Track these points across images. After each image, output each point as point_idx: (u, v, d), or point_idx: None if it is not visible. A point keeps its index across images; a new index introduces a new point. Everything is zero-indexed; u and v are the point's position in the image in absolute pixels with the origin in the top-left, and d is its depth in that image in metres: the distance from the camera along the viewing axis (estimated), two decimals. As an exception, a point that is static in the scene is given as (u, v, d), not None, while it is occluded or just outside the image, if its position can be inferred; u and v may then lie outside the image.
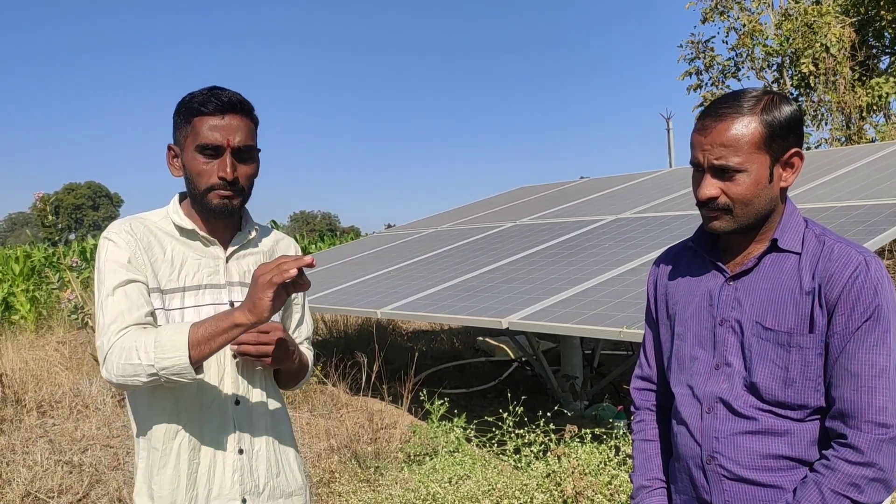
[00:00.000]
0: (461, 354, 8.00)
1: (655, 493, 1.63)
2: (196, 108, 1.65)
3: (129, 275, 1.64)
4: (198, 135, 1.64)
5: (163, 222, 1.75)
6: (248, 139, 1.67)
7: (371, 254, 7.82)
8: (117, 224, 1.72)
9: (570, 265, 4.98)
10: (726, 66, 12.32)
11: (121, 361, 1.55)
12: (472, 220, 8.40)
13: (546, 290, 4.50)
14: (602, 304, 3.91)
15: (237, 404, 1.72)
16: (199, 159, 1.65)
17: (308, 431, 5.19)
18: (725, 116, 1.42)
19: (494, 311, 4.31)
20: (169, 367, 1.52)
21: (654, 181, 7.88)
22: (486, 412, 5.53)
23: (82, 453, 4.78)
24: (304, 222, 78.15)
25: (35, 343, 8.29)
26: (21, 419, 5.39)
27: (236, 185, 1.66)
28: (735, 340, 1.47)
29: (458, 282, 5.33)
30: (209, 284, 1.72)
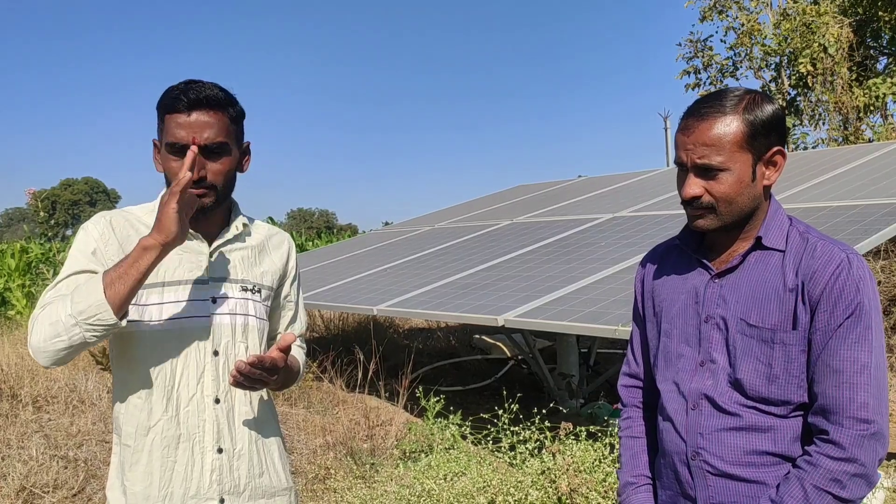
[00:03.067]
0: (457, 352, 8.02)
1: (641, 490, 1.65)
2: (168, 104, 1.64)
3: (86, 265, 1.62)
4: (167, 132, 1.63)
5: (147, 217, 1.73)
6: (219, 135, 1.63)
7: (368, 251, 7.84)
8: (98, 216, 1.71)
9: (566, 263, 5.01)
10: (724, 65, 12.36)
11: (43, 325, 1.52)
12: (468, 218, 8.42)
13: (542, 287, 4.53)
14: (598, 303, 3.94)
15: (217, 403, 1.69)
16: (169, 158, 1.64)
17: (304, 428, 5.22)
18: (708, 116, 1.44)
19: (490, 308, 4.34)
20: (85, 310, 1.48)
21: (650, 180, 7.91)
22: (482, 409, 5.55)
23: (78, 448, 4.80)
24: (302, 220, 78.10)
25: (31, 339, 8.31)
26: (17, 414, 5.40)
27: (204, 183, 1.63)
28: (720, 337, 1.50)
29: (455, 279, 5.35)
30: (190, 280, 1.69)
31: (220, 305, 1.71)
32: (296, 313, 1.93)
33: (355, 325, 9.22)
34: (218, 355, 1.69)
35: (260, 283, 1.79)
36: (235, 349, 1.72)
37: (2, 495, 4.03)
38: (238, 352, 1.72)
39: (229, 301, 1.72)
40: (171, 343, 1.65)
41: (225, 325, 1.70)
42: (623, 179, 8.51)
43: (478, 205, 9.53)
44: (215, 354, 1.69)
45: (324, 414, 5.54)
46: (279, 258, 1.87)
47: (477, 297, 4.71)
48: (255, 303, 1.76)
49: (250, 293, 1.76)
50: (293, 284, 1.92)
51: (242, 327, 1.73)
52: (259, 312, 1.77)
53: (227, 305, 1.72)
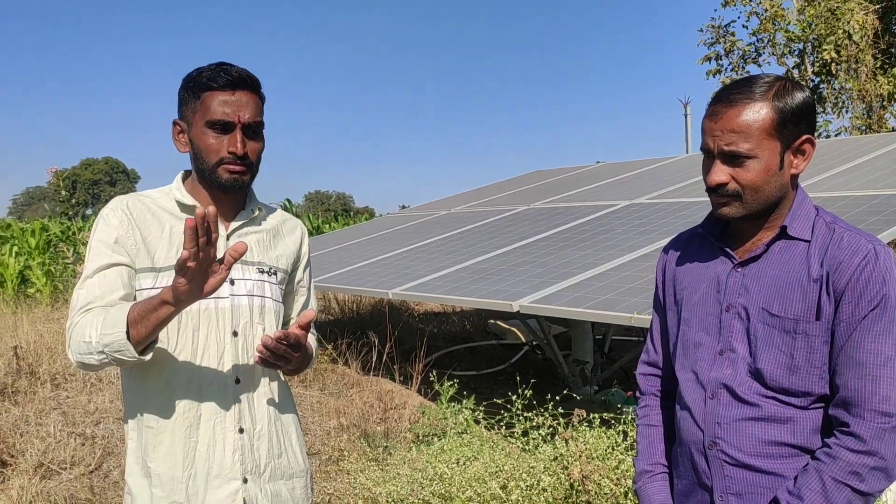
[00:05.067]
0: (472, 337, 8.03)
1: (657, 478, 1.64)
2: (205, 82, 1.63)
3: (112, 257, 1.63)
4: (208, 110, 1.62)
5: (163, 199, 1.74)
6: (257, 115, 1.66)
7: (384, 234, 7.84)
8: (115, 201, 1.70)
9: (583, 250, 4.98)
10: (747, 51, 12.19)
11: (77, 339, 1.56)
12: (485, 203, 8.39)
13: (558, 274, 4.50)
14: (614, 290, 3.91)
15: (238, 383, 1.69)
16: (208, 134, 1.63)
17: (318, 410, 5.24)
18: (736, 102, 1.41)
19: (506, 294, 4.32)
20: (110, 344, 1.51)
21: (669, 167, 7.84)
22: (496, 395, 5.55)
23: (95, 426, 4.85)
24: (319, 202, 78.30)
25: (50, 316, 8.38)
26: (35, 391, 5.47)
27: (246, 160, 1.65)
28: (741, 326, 1.48)
29: (471, 264, 5.34)
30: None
31: (239, 287, 1.72)
32: (308, 298, 1.94)
33: (370, 309, 9.24)
34: (237, 336, 1.70)
35: (276, 266, 1.80)
36: (253, 330, 1.72)
37: (20, 471, 4.08)
38: (256, 333, 1.72)
39: (247, 283, 1.73)
40: (192, 324, 1.66)
41: (243, 307, 1.71)
42: (641, 166, 8.45)
43: (494, 190, 9.50)
44: (234, 335, 1.69)
45: (338, 396, 5.56)
46: (293, 243, 1.88)
47: (492, 282, 4.69)
48: (271, 285, 1.77)
49: (266, 275, 1.77)
50: (306, 270, 1.93)
51: (260, 309, 1.73)
52: (275, 295, 1.78)
53: (245, 287, 1.72)
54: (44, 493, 3.80)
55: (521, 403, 3.83)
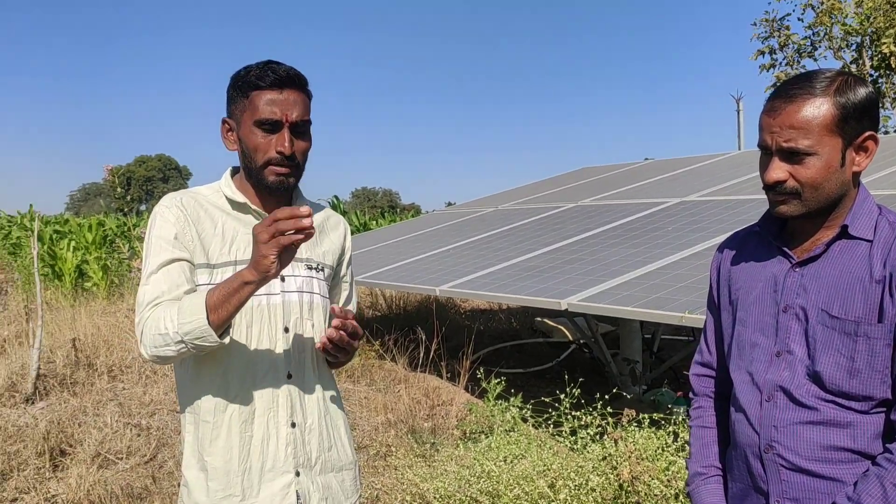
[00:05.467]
0: (519, 334, 8.00)
1: (711, 481, 1.61)
2: (253, 81, 1.64)
3: (173, 252, 1.65)
4: (256, 109, 1.63)
5: (214, 196, 1.75)
6: (305, 114, 1.66)
7: (431, 231, 7.86)
8: (168, 198, 1.72)
9: (632, 248, 4.92)
10: (802, 45, 11.91)
11: (152, 333, 1.57)
12: (533, 200, 8.35)
13: (607, 272, 4.46)
14: (664, 288, 3.86)
15: (289, 377, 1.71)
16: (256, 133, 1.64)
17: (366, 405, 5.28)
18: (796, 97, 1.38)
19: (554, 291, 4.30)
20: (191, 332, 1.53)
21: (721, 164, 7.70)
22: (543, 393, 5.54)
23: (150, 417, 4.96)
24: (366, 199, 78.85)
25: (106, 309, 8.60)
26: (93, 382, 5.62)
27: (293, 160, 1.66)
28: (799, 328, 1.44)
29: (518, 261, 5.32)
30: None
31: (289, 283, 1.74)
32: (350, 293, 1.96)
33: (416, 305, 9.28)
34: (288, 332, 1.72)
35: (322, 262, 1.82)
36: (303, 326, 1.75)
37: (78, 460, 4.20)
38: (305, 329, 1.75)
39: (297, 279, 1.75)
40: (246, 319, 1.68)
41: (294, 303, 1.73)
42: (692, 163, 8.31)
43: (542, 187, 9.45)
44: (286, 331, 1.72)
45: (385, 392, 5.60)
46: (337, 239, 1.90)
47: (540, 279, 4.67)
48: (318, 281, 1.79)
49: (314, 271, 1.79)
50: (349, 266, 1.96)
51: (309, 305, 1.76)
52: (322, 290, 1.80)
53: (295, 283, 1.74)
54: (101, 482, 3.91)
55: (569, 402, 3.80)
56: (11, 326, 7.81)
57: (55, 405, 5.14)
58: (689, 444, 1.68)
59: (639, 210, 6.19)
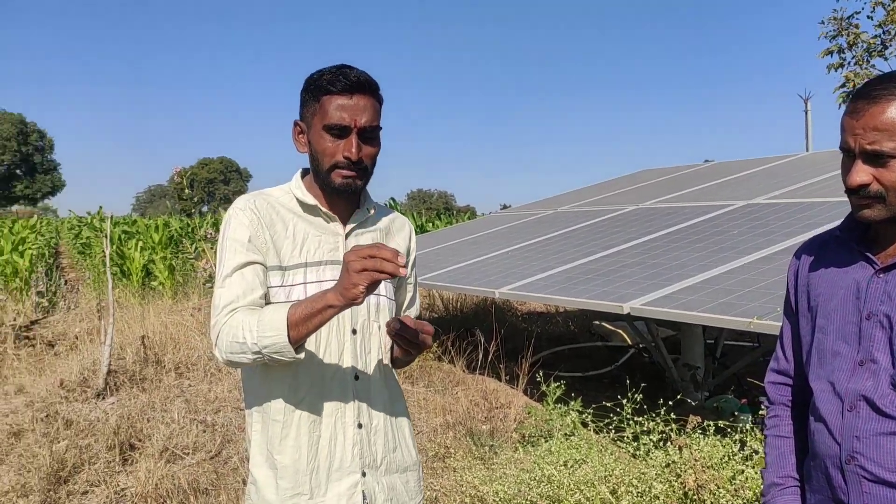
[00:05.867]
0: (577, 338, 7.93)
1: (788, 492, 1.57)
2: (325, 86, 1.66)
3: (248, 256, 1.67)
4: (325, 114, 1.65)
5: (285, 198, 1.77)
6: (374, 120, 1.67)
7: (489, 233, 7.85)
8: (242, 200, 1.74)
9: (696, 251, 4.83)
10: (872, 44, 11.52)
11: (229, 339, 1.59)
12: (592, 203, 8.28)
13: (669, 276, 4.39)
14: (730, 293, 3.78)
15: (357, 379, 1.73)
16: (325, 138, 1.66)
17: (424, 406, 5.30)
18: (880, 99, 1.33)
19: (615, 295, 4.25)
20: (270, 346, 1.55)
21: (788, 166, 7.51)
22: (602, 397, 5.47)
23: (215, 414, 5.07)
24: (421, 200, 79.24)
25: (173, 308, 8.83)
26: (160, 379, 5.77)
27: (360, 165, 1.67)
28: (883, 336, 1.39)
29: (578, 265, 5.28)
30: (330, 261, 1.73)
31: None
32: (413, 295, 1.97)
33: (473, 307, 9.28)
34: (356, 334, 1.73)
35: None
36: (370, 328, 1.76)
37: (147, 455, 4.32)
38: (372, 331, 1.77)
39: None
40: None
41: (362, 305, 1.74)
42: (757, 165, 8.12)
43: (601, 189, 9.36)
44: (353, 333, 1.73)
45: (444, 393, 5.61)
46: (402, 241, 1.91)
47: (601, 283, 4.62)
48: (385, 283, 1.80)
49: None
50: (412, 268, 1.96)
51: (376, 306, 1.77)
52: (389, 292, 1.82)
53: None
54: (169, 476, 4.01)
55: (630, 407, 3.75)
56: (83, 323, 8.09)
57: (125, 400, 5.29)
58: (765, 454, 1.64)
59: (702, 213, 6.08)
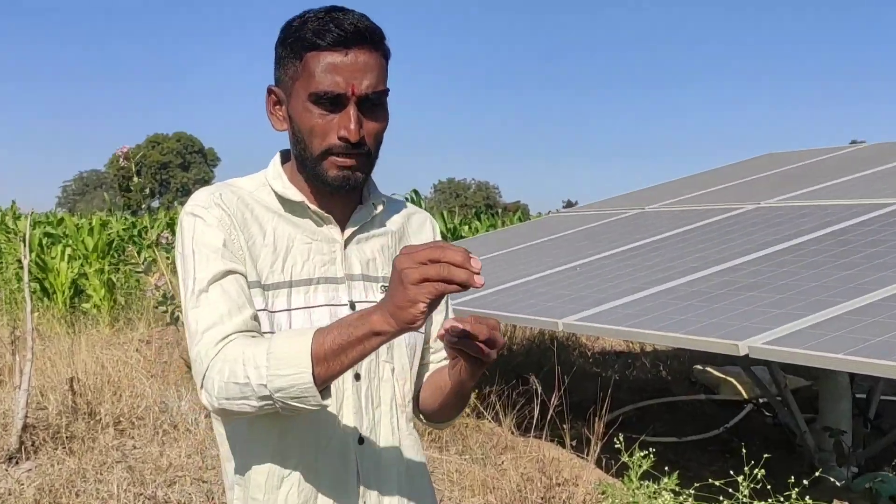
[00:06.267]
0: (670, 388, 7.91)
1: None
2: (309, 38, 1.61)
3: (225, 263, 1.63)
4: (311, 77, 1.61)
5: (260, 192, 1.75)
6: (380, 83, 1.64)
7: (550, 241, 7.84)
8: (204, 195, 1.71)
9: (841, 269, 4.79)
10: None
11: (224, 380, 1.53)
12: (693, 200, 8.24)
13: (804, 303, 4.35)
14: (891, 329, 3.73)
15: (361, 443, 1.71)
16: (312, 111, 1.63)
17: (458, 482, 5.30)
18: None
19: (728, 329, 4.21)
20: (286, 389, 1.47)
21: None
22: (707, 471, 5.41)
23: (168, 487, 5.11)
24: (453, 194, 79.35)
25: (112, 340, 8.94)
26: (95, 437, 5.84)
27: (362, 148, 1.64)
28: None
29: (674, 286, 5.25)
30: (323, 278, 1.72)
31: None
32: (446, 317, 1.94)
33: (526, 344, 9.29)
34: (360, 380, 1.72)
35: None
36: (380, 371, 1.74)
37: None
38: (383, 374, 1.74)
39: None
40: None
41: None
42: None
43: (707, 181, 9.32)
44: (356, 378, 1.71)
45: (485, 464, 5.60)
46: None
47: (707, 312, 4.59)
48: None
49: None
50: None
51: (387, 343, 1.74)
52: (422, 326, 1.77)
53: None
54: (106, 572, 4.05)
55: (748, 487, 3.71)
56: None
57: (46, 466, 5.34)
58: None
59: (850, 215, 6.02)
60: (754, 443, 5.89)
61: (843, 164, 8.33)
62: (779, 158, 9.70)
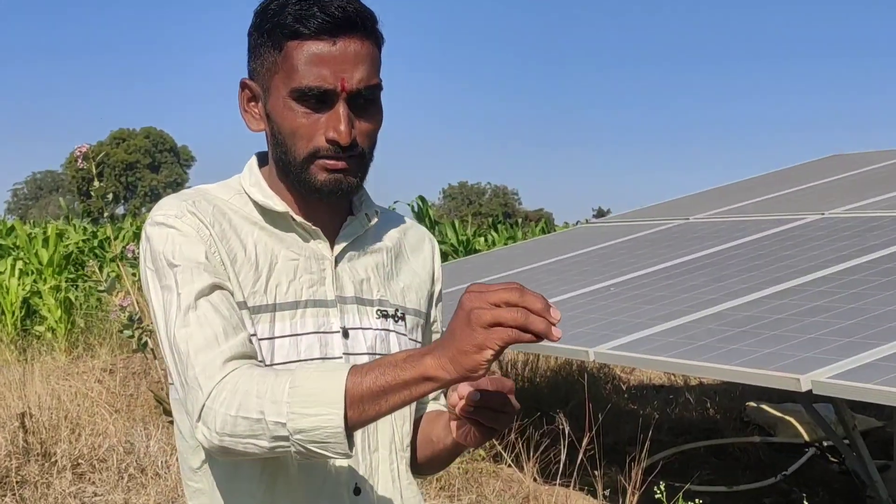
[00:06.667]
0: (719, 428, 7.88)
1: None
2: (290, 25, 1.60)
3: (211, 277, 1.62)
4: (294, 70, 1.60)
5: (236, 200, 1.74)
6: (372, 76, 1.63)
7: (578, 256, 7.85)
8: (174, 202, 1.69)
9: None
10: None
11: (230, 413, 1.49)
12: (746, 209, 8.25)
13: (878, 330, 4.36)
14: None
15: (357, 493, 1.70)
16: (295, 110, 1.62)
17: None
18: None
19: (788, 361, 4.22)
20: (309, 431, 1.44)
21: None
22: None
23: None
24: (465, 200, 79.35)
25: (69, 369, 8.94)
26: (49, 483, 5.84)
27: (354, 150, 1.63)
28: None
29: (724, 309, 5.25)
30: (311, 301, 1.71)
31: (356, 341, 1.72)
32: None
33: (551, 376, 9.27)
34: None
35: (403, 306, 1.81)
36: None
37: None
38: None
39: (367, 334, 1.74)
40: None
41: None
42: None
43: (762, 186, 9.32)
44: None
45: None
46: (421, 266, 1.90)
47: (762, 340, 4.60)
48: (398, 336, 1.78)
49: (392, 321, 1.78)
50: (438, 304, 1.95)
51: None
52: (405, 349, 1.75)
53: (364, 341, 1.73)
54: None
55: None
56: (-71, 391, 8.21)
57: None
58: None
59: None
60: (817, 493, 5.88)
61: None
62: (846, 160, 9.69)
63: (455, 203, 78.40)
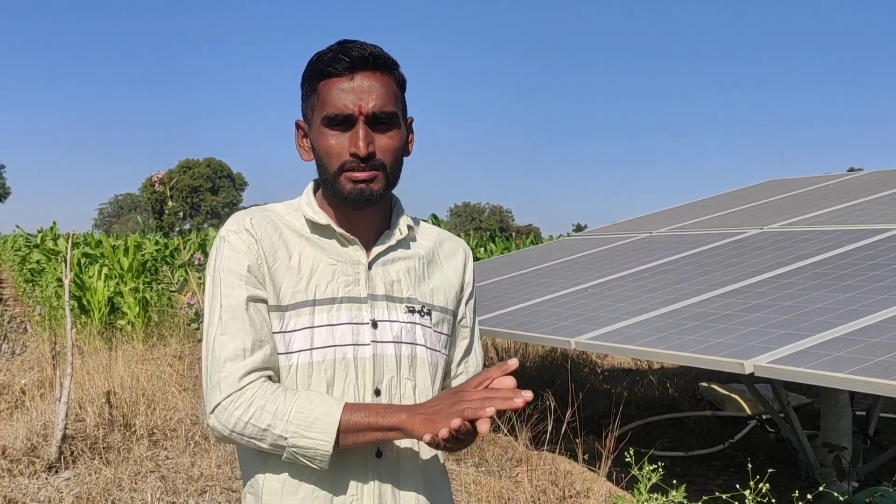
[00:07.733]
0: (677, 404, 7.87)
1: None
2: (322, 70, 1.66)
3: (249, 290, 1.65)
4: (325, 103, 1.65)
5: (292, 217, 1.77)
6: (387, 103, 1.66)
7: (562, 263, 7.84)
8: (236, 219, 1.73)
9: (843, 292, 4.77)
10: None
11: (244, 419, 1.58)
12: (700, 224, 8.23)
13: (807, 324, 4.33)
14: (892, 349, 3.72)
15: (379, 456, 1.68)
16: (327, 134, 1.65)
17: (475, 493, 5.28)
18: None
19: (734, 349, 4.20)
20: (304, 449, 1.57)
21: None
22: (712, 484, 5.39)
23: (199, 496, 5.11)
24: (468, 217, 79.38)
25: (145, 355, 8.95)
26: (130, 448, 5.84)
27: (374, 161, 1.65)
28: None
29: (682, 306, 5.24)
30: (346, 297, 1.71)
31: (383, 331, 1.71)
32: (470, 343, 1.92)
33: (539, 361, 9.25)
34: (380, 395, 1.69)
35: (430, 304, 1.79)
36: (401, 388, 1.72)
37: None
38: (404, 392, 1.72)
39: (393, 325, 1.72)
40: (326, 376, 1.66)
41: (389, 357, 1.70)
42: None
43: (713, 206, 9.30)
44: (377, 394, 1.69)
45: (500, 476, 5.58)
46: (453, 271, 1.87)
47: (714, 332, 4.58)
48: (423, 328, 1.76)
49: (419, 316, 1.76)
50: (468, 304, 1.91)
51: (409, 360, 1.73)
52: (430, 341, 1.77)
53: (390, 331, 1.72)
54: (140, 576, 4.05)
55: (753, 500, 3.69)
56: (33, 373, 8.23)
57: (84, 476, 5.36)
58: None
59: (851, 239, 6.00)
60: (758, 458, 5.86)
61: (843, 190, 8.30)
62: (781, 185, 9.69)
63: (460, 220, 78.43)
